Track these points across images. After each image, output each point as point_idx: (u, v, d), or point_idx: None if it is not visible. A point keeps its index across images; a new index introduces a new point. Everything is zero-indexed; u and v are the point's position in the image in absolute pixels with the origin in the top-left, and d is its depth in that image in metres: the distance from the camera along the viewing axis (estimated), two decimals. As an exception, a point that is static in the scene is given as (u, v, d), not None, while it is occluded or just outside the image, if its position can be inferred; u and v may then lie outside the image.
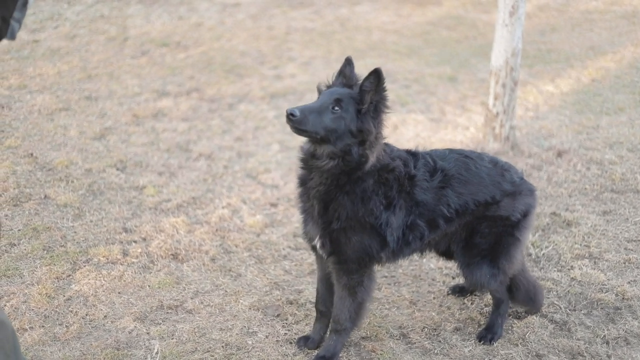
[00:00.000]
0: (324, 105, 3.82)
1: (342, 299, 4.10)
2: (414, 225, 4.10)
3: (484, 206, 4.25)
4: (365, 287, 4.11)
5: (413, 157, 4.16)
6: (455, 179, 4.20)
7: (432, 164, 4.18)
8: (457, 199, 4.18)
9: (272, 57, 11.57)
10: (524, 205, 4.34)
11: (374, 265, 4.17)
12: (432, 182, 4.13)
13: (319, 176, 3.93)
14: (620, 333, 4.57)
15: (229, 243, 5.57)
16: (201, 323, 4.55)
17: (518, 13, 7.32)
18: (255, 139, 7.96)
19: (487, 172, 4.29)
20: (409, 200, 4.05)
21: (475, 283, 4.40)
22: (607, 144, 7.98)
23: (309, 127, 3.76)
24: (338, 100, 3.84)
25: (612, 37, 13.32)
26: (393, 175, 4.00)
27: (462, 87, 10.32)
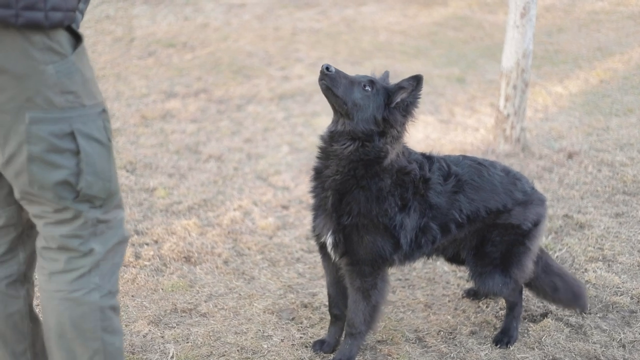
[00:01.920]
0: (357, 79, 3.82)
1: (356, 303, 4.07)
2: (427, 228, 4.08)
3: (495, 214, 4.23)
4: (379, 290, 4.07)
5: (428, 161, 4.14)
6: (468, 184, 4.18)
7: (447, 169, 4.16)
8: (469, 205, 4.16)
9: (279, 57, 11.56)
10: (535, 215, 4.33)
11: (386, 267, 4.14)
12: (446, 187, 4.12)
13: (337, 164, 3.88)
14: (637, 337, 4.54)
15: (242, 246, 5.55)
16: (216, 327, 4.52)
17: (529, 14, 7.29)
18: (265, 140, 7.94)
19: (500, 179, 4.28)
20: (423, 203, 4.03)
21: (488, 292, 4.41)
22: (617, 145, 7.95)
23: (339, 91, 3.74)
24: (371, 82, 3.83)
25: (619, 37, 13.30)
26: (409, 178, 3.98)
27: (470, 88, 10.30)
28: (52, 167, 2.59)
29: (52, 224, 2.72)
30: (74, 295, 2.77)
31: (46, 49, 2.50)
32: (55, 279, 2.78)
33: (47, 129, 2.54)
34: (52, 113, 2.54)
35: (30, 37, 2.46)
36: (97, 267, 2.80)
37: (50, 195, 2.63)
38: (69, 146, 2.59)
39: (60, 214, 2.70)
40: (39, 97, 2.51)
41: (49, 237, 2.74)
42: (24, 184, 2.61)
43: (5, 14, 2.39)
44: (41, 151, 2.55)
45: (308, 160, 7.33)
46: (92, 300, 2.79)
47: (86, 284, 2.78)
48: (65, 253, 2.75)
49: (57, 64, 2.54)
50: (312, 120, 8.65)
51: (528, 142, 7.86)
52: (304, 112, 8.98)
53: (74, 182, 2.64)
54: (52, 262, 2.78)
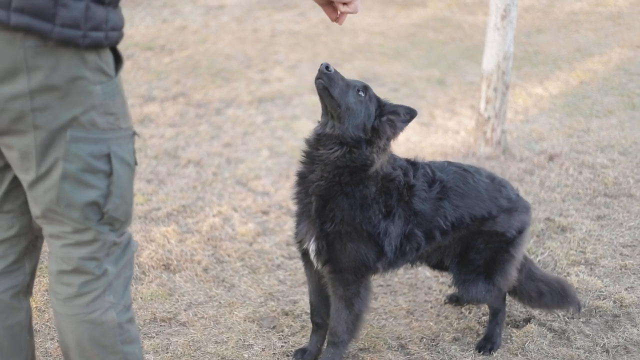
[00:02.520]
0: (352, 83, 3.79)
1: (339, 311, 4.02)
2: (411, 235, 4.03)
3: (480, 221, 4.20)
4: (362, 298, 4.03)
5: (413, 167, 4.10)
6: (453, 191, 4.14)
7: (431, 175, 4.12)
8: (454, 212, 4.12)
9: (258, 60, 11.49)
10: (519, 222, 4.30)
11: (370, 275, 4.10)
12: (431, 193, 4.08)
13: (322, 169, 3.83)
14: (620, 341, 4.52)
15: (221, 252, 5.48)
16: (196, 336, 4.46)
17: (510, 16, 7.27)
18: (244, 144, 7.88)
19: (485, 186, 4.25)
20: (407, 210, 3.99)
21: (471, 299, 4.38)
22: (598, 147, 7.95)
23: (335, 92, 3.69)
24: (365, 88, 3.81)
25: (598, 38, 13.32)
26: (393, 185, 3.94)
27: (450, 91, 10.28)
28: (85, 187, 2.58)
29: (70, 245, 2.69)
30: (92, 317, 2.76)
31: (97, 69, 2.50)
32: (70, 303, 2.77)
33: (86, 148, 2.53)
34: (94, 134, 2.54)
35: (85, 57, 2.45)
36: (110, 287, 2.79)
37: (76, 215, 2.61)
38: (103, 167, 2.59)
39: (80, 235, 2.67)
40: (84, 117, 2.50)
41: (67, 258, 2.71)
42: (51, 201, 2.58)
43: (75, 34, 2.39)
44: (76, 170, 2.53)
45: (288, 165, 7.28)
46: (109, 319, 2.79)
47: (102, 304, 2.77)
48: (80, 277, 2.73)
49: (105, 84, 2.54)
50: (292, 123, 8.60)
51: (509, 144, 7.84)
52: (284, 115, 8.92)
53: (102, 204, 2.63)
54: (66, 287, 2.76)
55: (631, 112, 9.31)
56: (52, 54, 2.40)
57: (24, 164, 2.54)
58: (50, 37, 2.35)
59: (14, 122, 2.44)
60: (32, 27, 2.33)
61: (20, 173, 2.59)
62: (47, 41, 2.37)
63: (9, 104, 2.41)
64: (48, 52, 2.39)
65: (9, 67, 2.37)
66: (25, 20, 2.31)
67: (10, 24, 2.31)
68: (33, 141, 2.48)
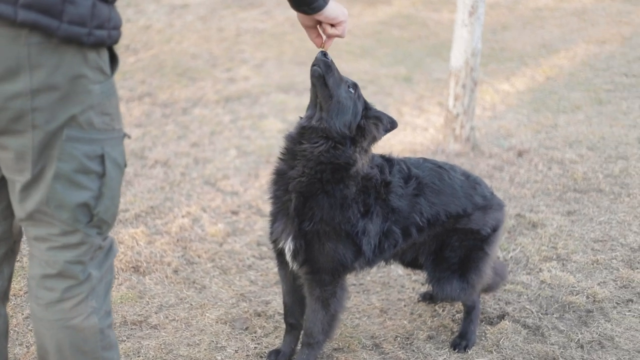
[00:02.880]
0: (344, 78, 3.72)
1: (315, 312, 3.97)
2: (389, 233, 3.99)
3: (455, 218, 4.17)
4: (338, 299, 3.98)
5: (388, 163, 4.05)
6: (429, 188, 4.11)
7: (407, 171, 4.08)
8: (430, 208, 4.08)
9: (224, 59, 11.42)
10: (494, 220, 4.29)
11: (346, 275, 4.05)
12: (407, 189, 4.03)
13: (303, 165, 3.73)
14: (594, 336, 4.51)
15: (191, 254, 5.41)
16: (167, 339, 4.38)
17: (477, 13, 7.26)
18: (212, 144, 7.80)
19: (460, 183, 4.22)
20: (385, 207, 3.94)
21: (446, 297, 4.34)
22: (566, 142, 7.97)
23: (330, 81, 3.62)
24: (355, 85, 3.75)
25: (563, 34, 13.39)
26: (371, 183, 3.88)
27: (418, 88, 10.27)
28: (77, 188, 2.52)
29: (57, 248, 2.62)
30: (73, 323, 2.70)
31: (96, 68, 2.46)
32: (52, 308, 2.69)
33: (82, 148, 2.48)
34: (90, 134, 2.49)
35: (87, 55, 2.41)
36: (93, 291, 2.73)
37: (65, 216, 2.55)
38: (96, 168, 2.54)
39: (68, 238, 2.61)
40: (82, 116, 2.45)
41: (52, 262, 2.64)
42: (41, 201, 2.52)
43: (81, 32, 2.35)
44: (70, 170, 2.48)
45: (257, 164, 7.22)
46: (91, 324, 2.73)
47: (84, 310, 2.71)
48: (64, 281, 2.67)
49: (103, 84, 2.50)
50: (259, 122, 8.53)
51: (477, 141, 7.83)
52: (251, 114, 8.85)
53: (93, 205, 2.58)
54: (48, 292, 2.68)
55: (598, 107, 9.35)
56: (55, 51, 2.35)
57: (18, 164, 2.47)
58: (56, 34, 2.31)
59: (12, 121, 2.38)
60: (40, 23, 2.28)
61: (13, 174, 2.51)
62: (51, 38, 2.33)
63: (9, 103, 2.35)
64: (51, 49, 2.34)
65: (12, 65, 2.31)
66: (32, 17, 2.27)
67: (17, 20, 2.26)
68: (31, 141, 2.42)
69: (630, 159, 7.49)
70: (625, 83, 10.54)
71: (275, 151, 7.34)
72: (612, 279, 5.20)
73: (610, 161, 7.45)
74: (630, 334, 4.55)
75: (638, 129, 8.52)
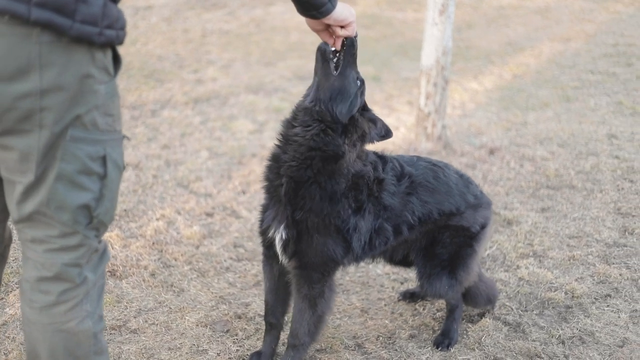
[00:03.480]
0: (357, 70, 3.70)
1: (302, 312, 3.93)
2: (381, 230, 3.98)
3: (448, 215, 4.18)
4: (326, 299, 3.95)
5: (381, 161, 4.03)
6: (423, 186, 4.10)
7: (400, 169, 4.07)
8: (422, 207, 4.08)
9: (191, 60, 11.35)
10: (483, 218, 4.30)
11: (335, 272, 4.02)
12: (400, 187, 4.02)
13: (294, 149, 3.69)
14: (575, 332, 4.53)
15: (168, 257, 5.35)
16: (147, 343, 4.32)
17: (448, 11, 7.27)
18: (183, 146, 7.73)
19: (455, 181, 4.23)
20: (377, 204, 3.93)
21: (434, 294, 4.32)
22: (537, 139, 8.02)
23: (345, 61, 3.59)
24: (363, 82, 3.72)
25: (527, 32, 13.50)
26: (363, 180, 3.86)
27: (386, 87, 10.28)
28: (78, 189, 2.49)
29: (54, 250, 2.58)
30: (68, 326, 2.66)
31: (102, 68, 2.43)
32: (46, 312, 2.65)
33: (85, 149, 2.45)
34: (93, 134, 2.46)
35: (95, 55, 2.39)
36: (87, 295, 2.70)
37: (65, 218, 2.52)
38: (98, 170, 2.51)
39: (66, 240, 2.58)
40: (87, 116, 2.42)
41: (49, 264, 2.60)
42: (41, 202, 2.48)
43: (92, 31, 2.33)
44: (72, 171, 2.45)
45: (229, 165, 7.17)
46: (85, 328, 2.70)
47: (79, 313, 2.67)
48: (60, 284, 2.63)
49: (107, 84, 2.47)
50: (229, 123, 8.48)
51: (449, 139, 7.85)
52: (221, 115, 8.80)
53: (93, 207, 2.55)
54: (43, 295, 2.64)
55: (566, 104, 9.43)
56: (65, 50, 2.32)
57: (22, 165, 2.43)
58: (68, 33, 2.28)
59: (19, 121, 2.34)
60: (53, 22, 2.25)
61: (15, 175, 2.47)
62: (62, 37, 2.29)
63: (17, 103, 2.31)
64: (62, 48, 2.31)
65: (22, 64, 2.28)
66: (46, 16, 2.24)
67: (30, 19, 2.23)
68: (37, 142, 2.38)
69: (600, 155, 7.56)
70: (592, 80, 10.65)
71: (247, 152, 7.33)
72: (589, 274, 5.23)
73: (581, 157, 7.51)
74: (610, 328, 4.58)
75: (607, 125, 8.61)
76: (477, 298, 4.63)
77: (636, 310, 4.80)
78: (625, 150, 7.77)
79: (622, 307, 4.82)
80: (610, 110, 9.29)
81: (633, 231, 5.88)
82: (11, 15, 2.22)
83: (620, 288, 5.05)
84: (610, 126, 8.60)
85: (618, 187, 6.78)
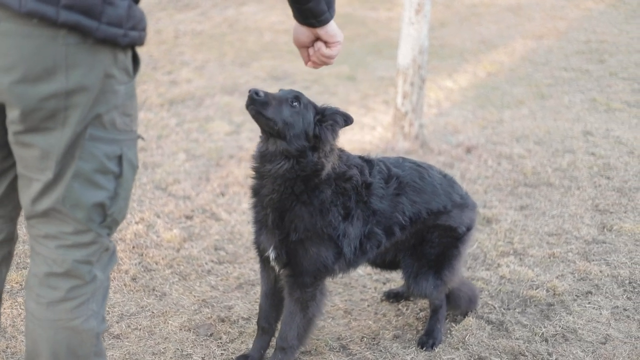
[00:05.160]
0: (283, 97, 3.70)
1: (293, 314, 3.94)
2: (371, 234, 4.01)
3: (436, 214, 4.21)
4: (317, 303, 3.97)
5: (368, 164, 4.06)
6: (410, 186, 4.14)
7: (387, 171, 4.10)
8: (412, 207, 4.12)
9: (164, 62, 11.29)
10: (468, 219, 4.34)
11: (327, 278, 4.05)
12: (388, 190, 4.05)
13: (272, 182, 3.76)
14: (558, 330, 4.56)
15: (149, 260, 5.31)
16: (131, 348, 4.29)
17: (424, 10, 7.28)
18: (160, 148, 7.69)
19: (440, 181, 4.27)
20: (366, 210, 3.96)
21: (420, 294, 4.34)
22: (513, 137, 8.06)
23: (269, 113, 3.60)
24: (297, 97, 3.72)
25: (500, 30, 13.56)
26: (350, 185, 3.89)
27: (362, 86, 10.28)
28: (94, 188, 2.51)
29: (67, 246, 2.59)
30: (73, 324, 2.66)
31: (123, 69, 2.46)
32: (53, 307, 2.65)
33: (103, 148, 2.48)
34: (112, 134, 2.49)
35: (117, 56, 2.42)
36: (94, 294, 2.70)
37: (80, 215, 2.53)
38: (114, 169, 2.53)
39: (80, 237, 2.59)
40: (107, 116, 2.45)
41: (60, 260, 2.61)
42: (57, 200, 2.50)
43: (117, 33, 2.36)
44: (90, 169, 2.47)
45: (207, 167, 7.13)
46: (90, 328, 2.70)
47: (85, 312, 2.68)
48: (69, 280, 2.64)
49: (127, 85, 2.50)
50: (206, 125, 8.44)
51: (426, 138, 7.86)
52: (197, 117, 8.75)
53: (108, 206, 2.57)
54: (52, 290, 2.64)
55: (541, 101, 9.48)
56: (90, 52, 2.35)
57: (42, 163, 2.45)
58: (95, 35, 2.32)
59: (43, 120, 2.37)
60: (81, 24, 2.28)
61: (33, 173, 2.48)
62: (87, 39, 2.32)
63: (43, 103, 2.34)
64: (87, 50, 2.34)
65: (49, 65, 2.30)
66: (74, 18, 2.28)
67: (58, 21, 2.26)
68: (59, 140, 2.40)
69: (577, 152, 7.61)
70: (565, 77, 10.72)
71: (225, 154, 7.30)
72: (569, 272, 5.26)
73: (558, 155, 7.55)
74: (593, 325, 4.61)
75: (582, 122, 8.67)
76: (459, 300, 4.66)
77: (617, 306, 4.83)
78: (601, 147, 7.83)
79: (603, 304, 4.85)
80: (585, 107, 9.35)
81: (611, 228, 5.92)
82: (40, 17, 2.25)
83: (600, 285, 5.09)
84: (585, 123, 8.66)
85: (595, 184, 6.82)
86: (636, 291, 5.02)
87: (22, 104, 2.33)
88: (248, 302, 4.84)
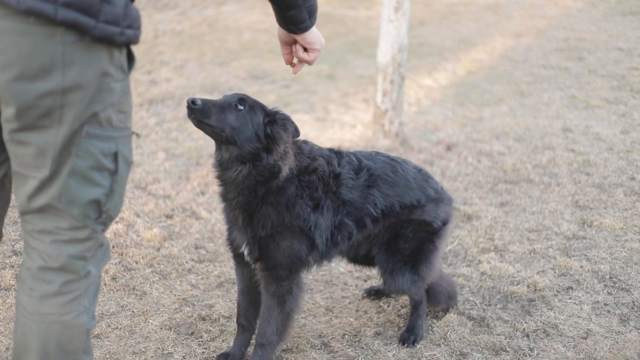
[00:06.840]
0: (226, 101, 3.66)
1: (270, 309, 3.93)
2: (342, 225, 3.99)
3: (410, 209, 4.19)
4: (294, 296, 3.96)
5: (337, 155, 4.04)
6: (382, 179, 4.12)
7: (357, 163, 4.07)
8: (384, 200, 4.10)
9: (144, 61, 11.24)
10: (444, 214, 4.34)
11: (302, 271, 4.04)
12: (358, 181, 4.03)
13: (235, 188, 3.75)
14: (539, 325, 4.56)
15: (129, 260, 5.28)
16: (112, 348, 4.26)
17: (403, 8, 7.28)
18: (139, 147, 7.65)
19: (414, 175, 4.26)
20: (335, 200, 3.94)
21: (397, 290, 4.33)
22: (493, 134, 8.08)
23: (212, 121, 3.57)
24: (242, 99, 3.68)
25: (479, 28, 13.60)
26: (316, 176, 3.87)
27: (342, 85, 10.28)
28: (90, 184, 2.53)
29: (62, 241, 2.60)
30: (65, 319, 2.67)
31: (119, 66, 2.48)
32: (46, 301, 2.65)
33: (99, 145, 2.49)
34: (107, 131, 2.51)
35: (113, 54, 2.43)
36: (87, 290, 2.71)
37: (76, 212, 2.55)
38: (110, 166, 2.54)
39: (75, 232, 2.60)
40: (103, 114, 2.46)
41: (55, 255, 2.61)
42: (53, 197, 2.51)
43: (114, 31, 2.38)
44: (86, 167, 2.49)
45: (186, 166, 7.10)
46: (81, 323, 2.71)
47: (77, 307, 2.68)
48: (64, 275, 2.64)
49: (122, 82, 2.52)
50: (185, 124, 8.40)
51: (406, 136, 7.86)
52: (177, 116, 8.72)
53: (103, 202, 2.58)
54: (46, 284, 2.64)
55: (520, 99, 9.51)
56: (87, 50, 2.36)
57: (37, 161, 2.45)
58: (92, 33, 2.33)
59: (39, 118, 2.38)
60: (78, 22, 2.29)
61: (29, 170, 2.49)
62: (84, 37, 2.33)
63: (40, 101, 2.34)
64: (84, 48, 2.35)
65: (46, 63, 2.31)
66: (72, 16, 2.29)
67: (56, 19, 2.27)
68: (54, 137, 2.41)
69: (556, 149, 7.64)
70: (545, 75, 10.76)
71: (205, 153, 7.27)
72: (550, 267, 5.28)
73: (537, 152, 7.58)
74: (574, 320, 4.62)
75: (561, 119, 8.71)
76: (438, 296, 4.66)
77: (598, 301, 4.85)
78: (580, 143, 7.86)
79: (584, 299, 4.86)
80: (564, 104, 9.39)
81: (591, 223, 5.94)
82: (37, 15, 2.25)
83: (581, 280, 5.10)
84: (564, 120, 8.70)
85: (575, 180, 6.85)
86: (616, 286, 5.04)
87: (18, 102, 2.33)
88: (229, 300, 4.82)
